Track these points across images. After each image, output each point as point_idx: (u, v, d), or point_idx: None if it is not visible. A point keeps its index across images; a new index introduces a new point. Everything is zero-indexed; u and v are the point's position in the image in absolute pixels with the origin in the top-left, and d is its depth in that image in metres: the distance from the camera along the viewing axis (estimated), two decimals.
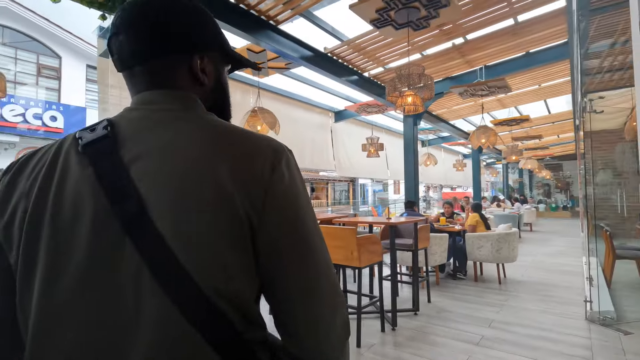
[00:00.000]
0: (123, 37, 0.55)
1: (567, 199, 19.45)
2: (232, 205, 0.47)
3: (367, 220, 3.93)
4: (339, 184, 27.60)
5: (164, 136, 0.51)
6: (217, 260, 0.47)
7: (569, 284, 4.91)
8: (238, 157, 0.50)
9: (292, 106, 6.11)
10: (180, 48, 0.57)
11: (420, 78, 2.54)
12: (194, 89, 0.59)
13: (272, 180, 0.50)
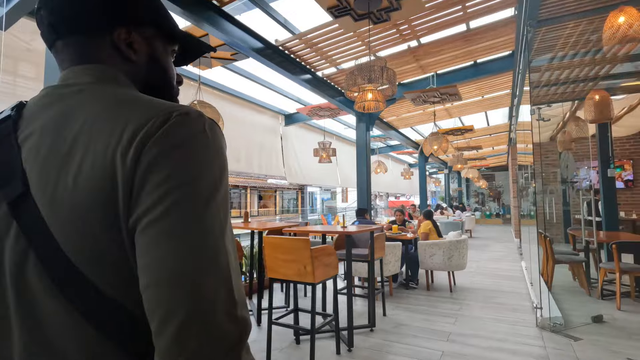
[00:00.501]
0: (43, 11, 0.53)
1: (499, 207, 21.05)
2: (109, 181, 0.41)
3: (319, 229, 3.60)
4: (287, 192, 27.13)
5: (57, 111, 0.47)
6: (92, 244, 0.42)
7: (514, 289, 5.02)
8: (126, 122, 0.43)
9: (238, 106, 5.64)
10: (100, 21, 0.53)
11: (383, 72, 2.30)
12: (121, 65, 0.55)
13: (158, 138, 0.42)
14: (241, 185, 21.81)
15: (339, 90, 5.26)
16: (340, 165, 8.86)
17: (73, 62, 0.52)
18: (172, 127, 0.43)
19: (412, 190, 15.97)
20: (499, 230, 15.22)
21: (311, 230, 3.23)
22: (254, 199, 23.73)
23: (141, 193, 0.41)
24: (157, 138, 0.42)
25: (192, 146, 0.43)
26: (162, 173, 0.41)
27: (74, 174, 0.42)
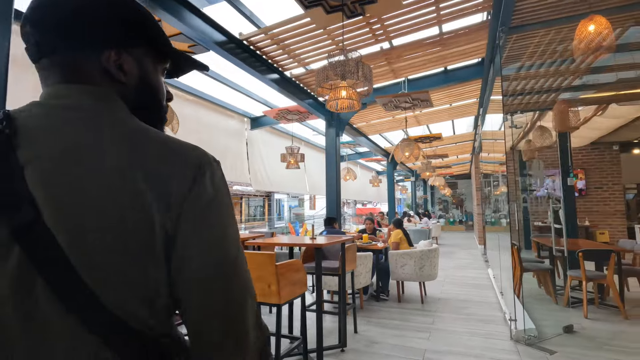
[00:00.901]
0: (30, 28, 0.51)
1: (462, 214, 21.72)
2: (146, 223, 0.45)
3: (286, 241, 3.28)
4: (253, 199, 26.42)
5: (70, 137, 0.47)
6: (125, 282, 0.45)
7: (484, 298, 4.96)
8: (155, 169, 0.47)
9: (199, 107, 5.22)
10: (89, 42, 0.52)
11: (358, 67, 2.07)
12: (112, 86, 0.54)
13: (191, 196, 0.48)
14: None
15: (309, 93, 5.02)
16: (308, 172, 8.60)
17: (63, 80, 0.51)
18: (204, 179, 0.50)
19: (380, 197, 16.03)
20: (463, 237, 15.62)
21: (277, 242, 2.91)
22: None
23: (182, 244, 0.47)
24: (192, 197, 0.48)
25: (222, 191, 0.52)
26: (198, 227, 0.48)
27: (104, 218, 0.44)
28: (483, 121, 7.13)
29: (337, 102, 2.37)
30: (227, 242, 0.50)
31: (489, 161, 9.75)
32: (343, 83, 2.25)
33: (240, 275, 0.51)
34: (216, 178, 0.51)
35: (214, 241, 0.48)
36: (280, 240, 3.08)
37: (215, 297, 0.48)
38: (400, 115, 6.73)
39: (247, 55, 3.62)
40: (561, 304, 4.54)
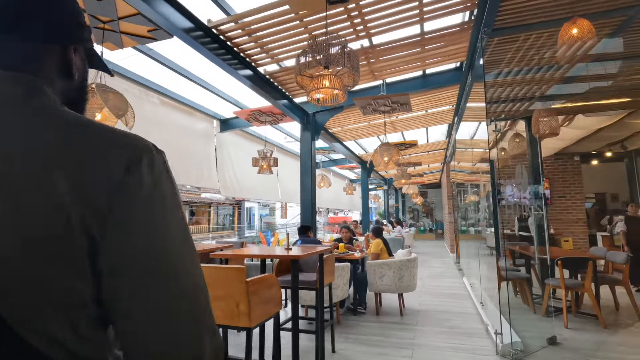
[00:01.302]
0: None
1: (432, 222, 22.07)
2: (61, 224, 0.38)
3: (258, 252, 2.94)
4: (223, 208, 25.52)
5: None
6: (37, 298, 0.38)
7: (463, 309, 4.81)
8: (78, 159, 0.41)
9: (162, 104, 4.78)
10: (55, 32, 0.51)
11: (345, 54, 1.80)
12: (56, 80, 0.51)
13: (123, 190, 0.41)
14: None
15: (284, 93, 4.72)
16: (281, 179, 8.25)
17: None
18: (140, 167, 0.43)
19: (353, 206, 15.90)
20: (433, 245, 15.76)
21: (248, 253, 2.56)
22: (186, 215, 21.82)
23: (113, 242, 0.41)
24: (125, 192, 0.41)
25: (164, 181, 0.45)
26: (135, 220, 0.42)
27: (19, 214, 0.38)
28: (457, 129, 7.15)
29: (320, 94, 2.08)
30: (169, 243, 0.43)
31: (462, 170, 9.87)
32: (326, 72, 1.99)
33: (186, 274, 0.44)
34: (156, 167, 0.45)
35: (153, 244, 0.42)
36: (251, 252, 2.73)
37: (156, 310, 0.41)
38: (377, 120, 6.59)
39: (217, 46, 3.28)
40: (539, 314, 4.47)
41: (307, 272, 3.58)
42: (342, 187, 11.18)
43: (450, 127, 8.24)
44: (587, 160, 10.52)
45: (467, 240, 9.33)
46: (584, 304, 4.56)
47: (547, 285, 4.37)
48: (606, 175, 11.09)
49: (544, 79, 4.64)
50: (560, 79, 4.88)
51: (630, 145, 9.16)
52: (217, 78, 4.63)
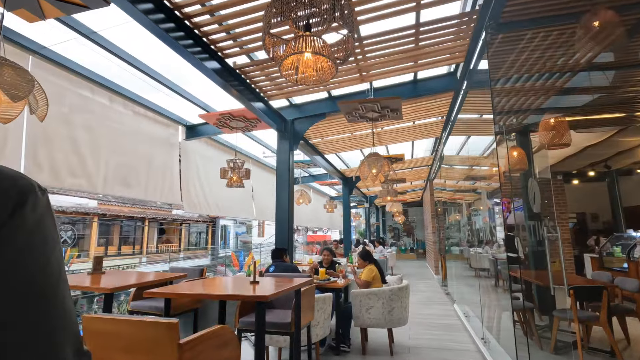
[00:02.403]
0: None
1: (412, 241, 21.67)
2: None
3: (211, 290, 2.23)
4: (195, 226, 24.21)
5: None
6: None
7: (460, 345, 4.20)
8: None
9: (114, 104, 4.06)
10: None
11: (335, 4, 1.22)
12: None
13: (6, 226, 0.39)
14: (137, 217, 18.55)
15: (257, 93, 4.12)
16: (257, 195, 7.54)
17: None
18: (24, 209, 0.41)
19: (332, 224, 15.25)
20: (415, 265, 15.25)
21: (195, 293, 1.87)
22: (154, 232, 20.42)
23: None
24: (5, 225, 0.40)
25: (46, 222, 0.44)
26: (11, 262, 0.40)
27: None
28: (445, 142, 6.74)
29: (303, 65, 1.47)
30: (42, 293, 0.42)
31: (446, 188, 9.48)
32: (307, 34, 1.40)
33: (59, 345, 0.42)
34: (39, 206, 0.43)
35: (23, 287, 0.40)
36: (199, 290, 2.02)
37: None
38: (362, 131, 6.08)
39: (174, 26, 2.65)
40: (546, 349, 3.93)
41: (280, 308, 2.89)
42: (323, 205, 10.55)
43: (437, 141, 7.86)
44: (569, 180, 10.43)
45: (455, 260, 8.83)
46: (592, 337, 4.06)
47: (555, 318, 3.84)
48: (588, 194, 11.02)
49: (551, 86, 4.26)
50: (559, 89, 4.53)
51: (614, 165, 9.09)
52: (182, 75, 3.99)
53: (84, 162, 3.71)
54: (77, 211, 15.34)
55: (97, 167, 3.87)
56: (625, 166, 9.63)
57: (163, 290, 1.88)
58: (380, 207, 21.16)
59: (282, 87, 4.10)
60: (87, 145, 3.74)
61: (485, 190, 6.53)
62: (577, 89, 4.51)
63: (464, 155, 7.75)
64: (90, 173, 3.78)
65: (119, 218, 17.63)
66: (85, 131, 3.73)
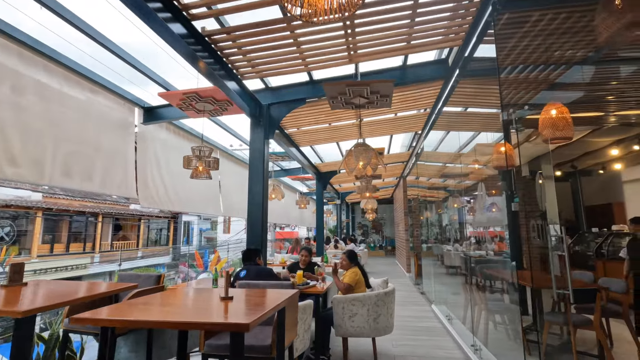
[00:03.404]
0: None
1: (381, 239, 21.72)
2: None
3: (166, 317, 1.70)
4: (156, 221, 22.77)
5: None
6: None
7: (447, 352, 3.92)
8: None
9: (50, 74, 3.34)
10: None
11: None
12: None
13: None
14: (89, 212, 17.01)
15: (229, 70, 3.57)
16: (225, 190, 6.91)
17: None
18: None
19: (302, 221, 14.80)
20: (385, 262, 15.19)
21: (151, 321, 1.35)
22: (109, 229, 18.88)
23: None
24: None
25: None
26: None
27: None
28: (426, 136, 6.49)
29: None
30: None
31: (420, 185, 9.34)
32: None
33: None
34: None
35: None
36: (152, 314, 1.49)
37: None
38: (341, 122, 5.67)
39: None
40: (534, 355, 3.73)
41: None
42: (294, 200, 10.06)
43: (415, 136, 7.63)
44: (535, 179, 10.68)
45: (430, 259, 8.69)
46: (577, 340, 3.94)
47: (546, 323, 3.65)
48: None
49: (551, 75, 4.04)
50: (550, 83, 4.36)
51: (580, 165, 9.37)
52: (140, 50, 3.36)
53: (24, 149, 3.01)
54: (17, 204, 13.75)
55: (39, 155, 3.17)
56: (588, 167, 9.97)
57: (95, 316, 1.34)
58: (351, 204, 21.00)
59: (257, 64, 3.57)
60: (26, 129, 3.02)
61: (483, 184, 6.31)
62: (565, 84, 4.35)
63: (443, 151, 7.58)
64: (31, 161, 3.07)
65: (67, 213, 16.05)
66: (23, 113, 3.01)
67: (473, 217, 7.66)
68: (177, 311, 1.56)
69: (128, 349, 2.85)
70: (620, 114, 5.77)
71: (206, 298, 1.81)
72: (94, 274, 16.51)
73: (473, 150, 6.45)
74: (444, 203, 10.01)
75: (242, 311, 1.45)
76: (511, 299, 4.57)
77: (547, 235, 3.34)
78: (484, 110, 5.30)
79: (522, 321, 4.04)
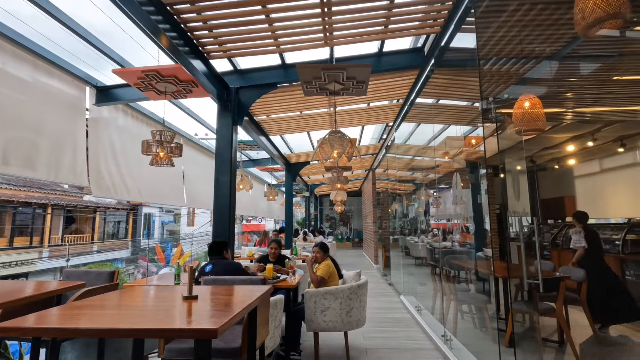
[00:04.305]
0: None
1: (349, 231, 21.91)
2: None
3: (118, 323, 1.47)
4: (113, 214, 21.45)
5: None
6: None
7: (417, 343, 3.93)
8: None
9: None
10: None
11: None
12: None
13: None
14: (37, 203, 15.65)
15: (196, 48, 3.27)
16: (188, 179, 6.52)
17: None
18: None
19: (270, 213, 14.52)
20: (353, 254, 15.32)
21: (98, 328, 1.12)
22: (60, 221, 17.51)
23: None
24: None
25: None
26: None
27: None
28: (398, 128, 6.48)
29: None
30: None
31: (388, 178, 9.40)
32: None
33: None
34: None
35: None
36: (103, 320, 1.27)
37: None
38: (312, 111, 5.50)
39: None
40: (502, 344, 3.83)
41: None
42: (263, 192, 9.79)
43: (385, 128, 7.61)
44: (496, 174, 11.13)
45: (397, 250, 8.80)
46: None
47: (511, 311, 3.74)
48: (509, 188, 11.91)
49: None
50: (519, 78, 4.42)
51: (538, 160, 9.86)
52: (94, 21, 3.01)
53: None
54: None
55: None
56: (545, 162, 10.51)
57: (22, 324, 1.08)
58: (320, 196, 20.95)
59: (225, 41, 3.30)
60: None
61: (457, 174, 6.36)
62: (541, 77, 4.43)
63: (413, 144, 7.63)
64: None
65: (11, 204, 14.66)
66: None
67: (440, 209, 7.82)
68: (133, 314, 1.34)
69: (76, 354, 2.54)
70: (578, 110, 6.01)
71: (167, 297, 1.59)
72: (42, 269, 15.27)
73: (443, 142, 6.54)
74: (413, 195, 10.17)
75: (208, 313, 1.26)
76: (477, 289, 4.68)
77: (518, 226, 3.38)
78: (455, 102, 5.34)
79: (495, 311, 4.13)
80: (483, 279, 4.92)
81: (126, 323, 1.16)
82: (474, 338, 3.94)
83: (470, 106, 5.33)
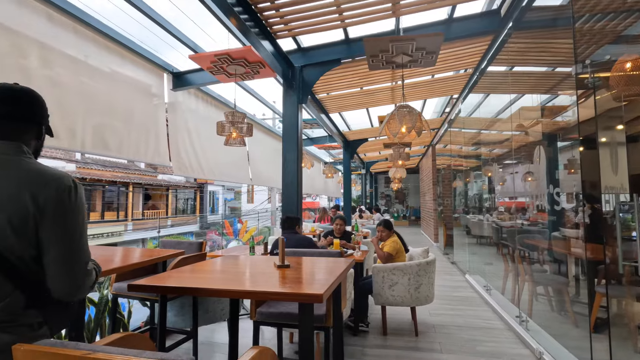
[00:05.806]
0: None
1: (405, 209, 21.54)
2: (25, 213, 0.93)
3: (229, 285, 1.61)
4: (183, 191, 23.38)
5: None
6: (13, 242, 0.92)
7: (487, 323, 3.82)
8: (35, 187, 0.95)
9: (78, 37, 3.22)
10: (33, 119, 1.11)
11: None
12: (33, 143, 1.11)
13: (53, 204, 0.96)
14: (120, 182, 17.59)
15: (265, 29, 3.34)
16: (252, 158, 6.84)
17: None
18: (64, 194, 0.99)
19: (326, 190, 14.75)
20: (410, 232, 15.11)
21: (216, 289, 1.26)
22: (139, 198, 19.55)
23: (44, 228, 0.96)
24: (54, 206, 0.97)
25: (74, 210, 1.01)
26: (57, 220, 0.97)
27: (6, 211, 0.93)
28: (464, 99, 6.10)
29: None
30: (71, 237, 0.99)
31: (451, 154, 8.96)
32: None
33: (79, 262, 1.01)
34: (74, 193, 1.01)
35: (63, 234, 0.98)
36: (214, 281, 1.42)
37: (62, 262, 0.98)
38: (372, 86, 5.37)
39: None
40: (583, 327, 3.58)
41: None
42: (320, 170, 9.94)
43: (449, 101, 7.20)
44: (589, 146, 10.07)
45: (460, 228, 8.48)
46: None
47: (597, 295, 3.45)
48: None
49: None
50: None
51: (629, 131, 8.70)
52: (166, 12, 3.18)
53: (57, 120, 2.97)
54: None
55: (71, 125, 3.12)
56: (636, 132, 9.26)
57: (156, 282, 1.28)
58: (375, 173, 20.73)
59: (290, 20, 3.32)
60: (55, 98, 2.96)
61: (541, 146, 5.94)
62: None
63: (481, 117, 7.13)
64: (64, 132, 3.04)
65: (100, 183, 16.66)
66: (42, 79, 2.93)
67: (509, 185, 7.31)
68: (242, 279, 1.48)
69: (174, 313, 2.89)
70: None
71: (261, 266, 1.73)
72: (128, 240, 17.32)
73: (517, 113, 6.03)
74: (477, 172, 9.61)
75: (311, 280, 1.35)
76: (554, 270, 4.37)
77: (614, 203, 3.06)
78: (532, 69, 4.86)
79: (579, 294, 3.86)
80: (560, 261, 4.58)
81: (241, 285, 1.29)
82: (553, 321, 3.72)
83: (550, 72, 4.81)
